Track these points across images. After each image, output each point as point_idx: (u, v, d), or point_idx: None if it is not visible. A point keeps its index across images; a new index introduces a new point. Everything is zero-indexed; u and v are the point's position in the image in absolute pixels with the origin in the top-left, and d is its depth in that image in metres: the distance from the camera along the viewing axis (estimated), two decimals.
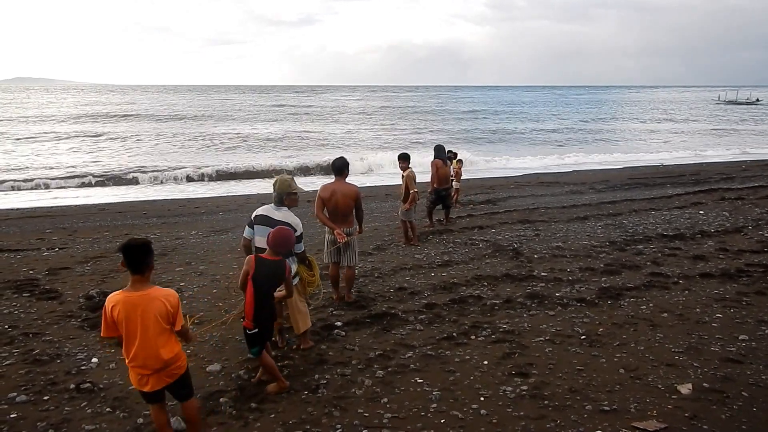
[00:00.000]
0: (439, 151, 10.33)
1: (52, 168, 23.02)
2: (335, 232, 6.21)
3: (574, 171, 23.02)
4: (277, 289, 4.44)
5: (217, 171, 22.08)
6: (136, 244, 3.27)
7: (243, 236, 5.16)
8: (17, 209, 15.03)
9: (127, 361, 3.36)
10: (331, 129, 41.34)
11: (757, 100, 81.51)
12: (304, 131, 39.11)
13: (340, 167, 6.37)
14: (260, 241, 4.93)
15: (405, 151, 9.77)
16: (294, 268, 5.00)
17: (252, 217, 5.09)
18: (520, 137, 37.76)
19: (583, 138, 37.50)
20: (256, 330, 4.25)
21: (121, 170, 22.19)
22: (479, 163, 25.29)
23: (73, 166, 23.46)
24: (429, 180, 10.40)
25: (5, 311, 6.33)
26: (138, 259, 3.24)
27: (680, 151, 30.53)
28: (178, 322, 3.39)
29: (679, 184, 16.91)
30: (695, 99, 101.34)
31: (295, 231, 4.85)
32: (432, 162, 10.25)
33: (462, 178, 13.70)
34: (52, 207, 15.44)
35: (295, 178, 5.18)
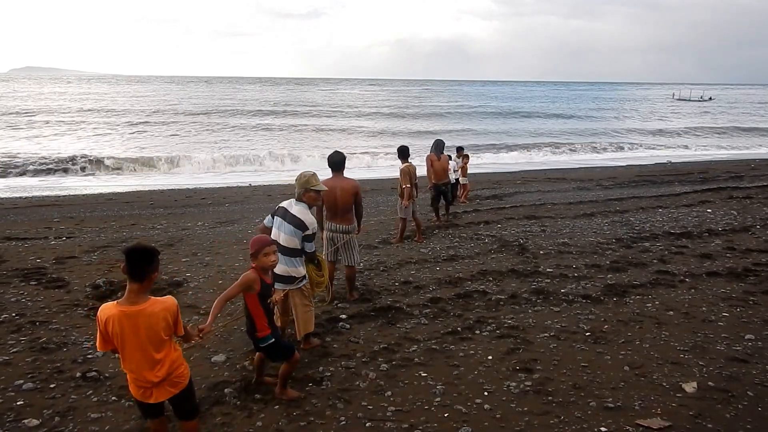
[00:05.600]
0: (435, 146, 10.18)
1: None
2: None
3: (581, 167, 22.93)
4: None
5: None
6: (141, 248, 2.97)
7: (263, 222, 5.10)
8: (25, 198, 15.15)
9: (127, 372, 3.14)
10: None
11: (710, 98, 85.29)
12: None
13: (339, 162, 6.19)
14: (274, 233, 4.89)
15: (402, 145, 9.25)
16: (302, 269, 4.92)
17: (275, 208, 5.08)
18: (524, 134, 37.53)
19: (587, 136, 37.27)
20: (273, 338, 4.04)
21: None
22: (486, 158, 25.26)
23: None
24: (426, 175, 10.28)
25: (12, 299, 6.37)
26: (140, 265, 2.93)
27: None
28: (179, 328, 3.18)
29: (687, 182, 16.82)
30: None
31: (306, 229, 4.80)
32: (426, 157, 10.16)
33: (468, 173, 13.62)
34: (59, 196, 15.54)
35: (317, 175, 5.12)
